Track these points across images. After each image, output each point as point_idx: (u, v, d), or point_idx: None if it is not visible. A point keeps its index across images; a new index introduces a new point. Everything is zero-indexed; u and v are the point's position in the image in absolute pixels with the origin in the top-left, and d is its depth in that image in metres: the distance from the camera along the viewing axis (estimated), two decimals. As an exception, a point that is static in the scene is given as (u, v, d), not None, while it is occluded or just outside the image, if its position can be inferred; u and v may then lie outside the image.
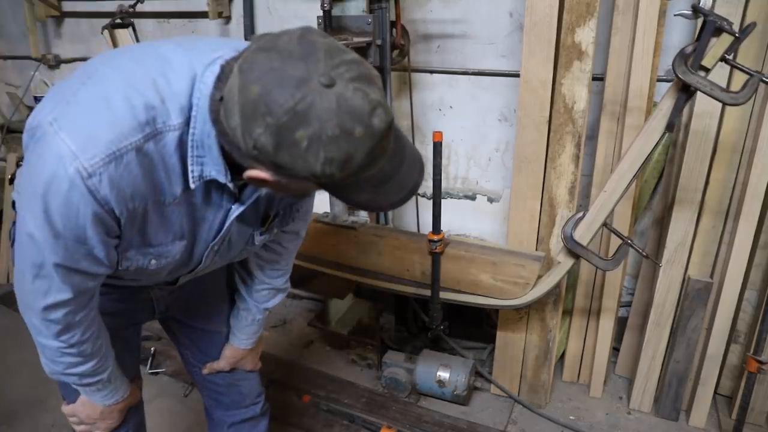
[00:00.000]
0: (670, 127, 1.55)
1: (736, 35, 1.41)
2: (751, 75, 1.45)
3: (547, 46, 1.93)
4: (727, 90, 1.49)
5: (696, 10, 1.48)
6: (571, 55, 1.92)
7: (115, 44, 2.33)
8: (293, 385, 2.53)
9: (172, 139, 0.91)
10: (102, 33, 2.32)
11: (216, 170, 0.94)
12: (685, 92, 1.52)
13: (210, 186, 0.99)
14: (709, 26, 1.43)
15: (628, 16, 1.97)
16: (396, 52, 2.34)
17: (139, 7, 2.56)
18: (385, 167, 0.86)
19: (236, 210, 1.05)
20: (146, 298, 1.34)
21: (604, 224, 1.81)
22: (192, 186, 0.95)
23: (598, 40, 1.99)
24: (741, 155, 2.01)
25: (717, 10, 1.83)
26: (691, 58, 1.48)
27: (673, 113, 1.54)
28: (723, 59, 1.46)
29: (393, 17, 2.19)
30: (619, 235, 1.84)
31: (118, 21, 2.32)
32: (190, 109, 0.90)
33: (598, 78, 2.12)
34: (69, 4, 3.45)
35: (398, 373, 2.40)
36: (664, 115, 1.57)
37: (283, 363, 2.68)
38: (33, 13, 3.38)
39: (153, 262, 1.05)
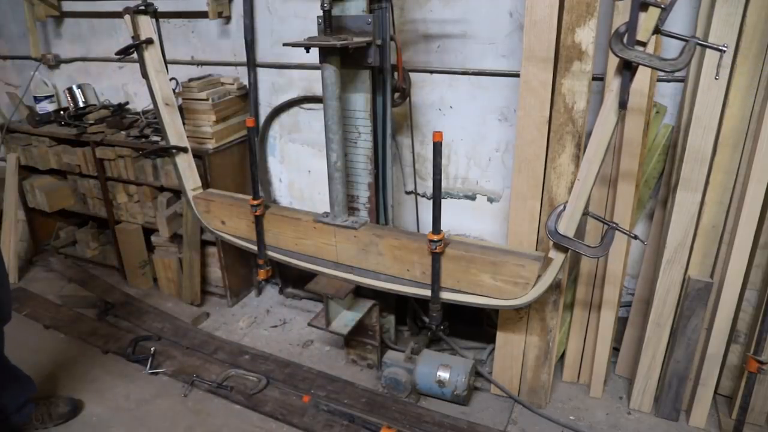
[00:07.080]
0: (622, 104, 1.63)
1: (662, 6, 1.47)
2: (686, 41, 1.49)
3: (547, 46, 1.93)
4: (665, 59, 1.53)
5: None
6: (571, 55, 1.92)
7: (135, 30, 2.31)
8: (293, 385, 2.53)
9: None
10: (123, 17, 2.32)
11: None
12: (629, 69, 1.58)
13: None
14: (636, 2, 1.49)
15: (627, 16, 1.97)
16: (398, 94, 2.36)
17: (140, 7, 2.56)
18: None
19: None
20: None
21: (586, 212, 1.82)
22: None
23: (598, 40, 1.99)
24: (741, 155, 2.01)
25: (717, 11, 1.84)
26: (625, 35, 1.54)
27: (622, 91, 1.61)
28: (657, 31, 1.51)
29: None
30: (602, 220, 1.85)
31: (141, 7, 2.32)
32: None
33: (598, 78, 2.13)
34: (69, 4, 3.45)
35: (398, 373, 2.40)
36: (615, 95, 1.64)
37: (283, 363, 2.69)
38: (33, 13, 3.39)
39: None
